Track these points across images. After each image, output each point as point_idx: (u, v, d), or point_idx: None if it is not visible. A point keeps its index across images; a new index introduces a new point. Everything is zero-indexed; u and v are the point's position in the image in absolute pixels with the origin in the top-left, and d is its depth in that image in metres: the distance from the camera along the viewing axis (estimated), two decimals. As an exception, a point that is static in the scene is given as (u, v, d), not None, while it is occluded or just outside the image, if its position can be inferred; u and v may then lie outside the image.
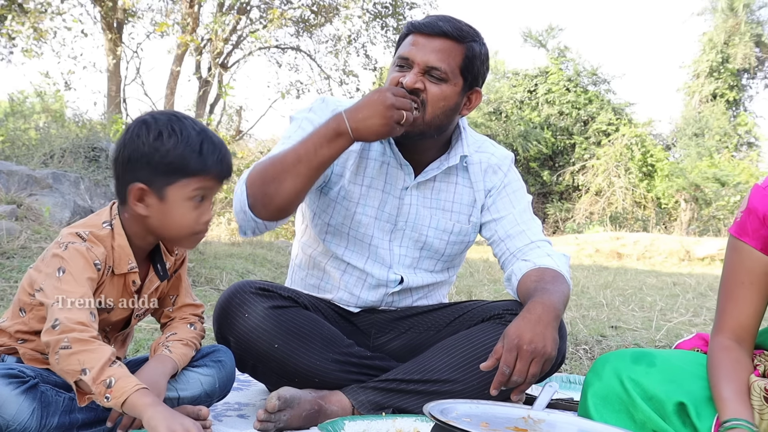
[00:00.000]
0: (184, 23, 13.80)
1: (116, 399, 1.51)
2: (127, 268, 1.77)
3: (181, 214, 1.73)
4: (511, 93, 21.05)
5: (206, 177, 1.72)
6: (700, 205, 17.45)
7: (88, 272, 1.66)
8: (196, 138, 1.71)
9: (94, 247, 1.70)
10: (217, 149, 1.74)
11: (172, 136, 1.70)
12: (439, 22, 1.99)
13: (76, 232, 1.71)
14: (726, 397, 1.49)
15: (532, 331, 1.72)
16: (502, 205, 2.18)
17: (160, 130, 1.70)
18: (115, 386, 1.52)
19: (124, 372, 1.55)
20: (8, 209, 5.29)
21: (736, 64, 21.28)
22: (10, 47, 13.28)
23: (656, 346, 3.64)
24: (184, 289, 1.97)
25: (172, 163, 1.69)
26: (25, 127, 9.48)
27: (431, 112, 1.99)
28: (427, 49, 1.97)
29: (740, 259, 1.62)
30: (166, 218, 1.74)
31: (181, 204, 1.73)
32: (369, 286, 2.18)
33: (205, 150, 1.71)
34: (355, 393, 1.98)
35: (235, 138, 14.74)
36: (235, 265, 6.01)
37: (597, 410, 1.63)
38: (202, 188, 1.73)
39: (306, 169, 1.87)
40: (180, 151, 1.69)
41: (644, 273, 8.88)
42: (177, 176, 1.71)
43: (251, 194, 1.92)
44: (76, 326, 1.56)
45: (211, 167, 1.72)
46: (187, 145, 1.70)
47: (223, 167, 1.76)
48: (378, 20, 15.48)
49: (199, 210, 1.75)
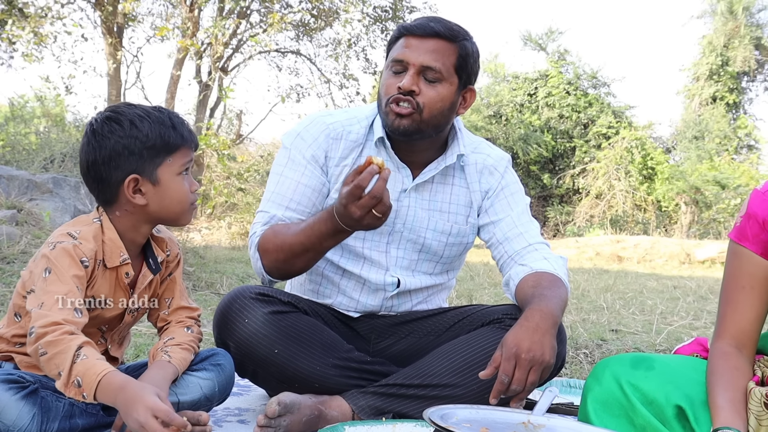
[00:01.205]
0: (184, 27, 13.80)
1: (89, 397, 1.54)
2: (119, 260, 1.78)
3: (176, 190, 1.79)
4: (511, 96, 21.04)
5: (186, 148, 1.79)
6: (701, 208, 17.44)
7: (74, 270, 1.67)
8: (163, 116, 1.77)
9: (82, 244, 1.71)
10: (183, 121, 1.81)
11: (144, 120, 1.74)
12: (430, 23, 2.01)
13: (67, 232, 1.73)
14: (720, 405, 1.49)
15: (530, 340, 1.72)
16: (500, 208, 2.19)
17: (129, 119, 1.74)
18: (83, 384, 1.53)
19: (87, 364, 1.54)
20: (8, 214, 5.29)
21: (736, 67, 21.28)
22: (11, 52, 13.27)
23: (657, 350, 3.64)
24: (179, 292, 1.97)
25: (154, 145, 1.74)
26: (25, 132, 9.49)
27: (428, 113, 2.01)
28: (421, 50, 1.99)
29: (740, 263, 1.63)
30: (164, 200, 1.78)
31: (173, 181, 1.78)
32: (368, 290, 2.18)
33: (177, 123, 1.78)
34: (355, 398, 1.98)
35: (235, 142, 14.75)
36: (235, 270, 6.01)
37: (597, 415, 1.63)
38: (185, 160, 1.80)
39: (314, 254, 1.95)
40: (157, 132, 1.74)
41: (645, 276, 8.87)
42: (162, 156, 1.76)
43: (266, 265, 2.02)
44: (49, 328, 1.56)
45: (187, 138, 1.79)
46: (161, 124, 1.75)
47: (194, 136, 1.84)
48: (378, 24, 15.48)
49: (187, 182, 1.81)
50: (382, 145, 2.14)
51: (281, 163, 2.15)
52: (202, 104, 15.26)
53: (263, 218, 2.07)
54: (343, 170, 2.13)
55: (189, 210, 1.83)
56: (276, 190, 2.11)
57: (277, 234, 1.99)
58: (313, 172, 2.11)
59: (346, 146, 2.14)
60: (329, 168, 2.14)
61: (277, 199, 2.10)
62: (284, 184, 2.11)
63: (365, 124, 2.17)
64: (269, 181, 2.15)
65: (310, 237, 1.89)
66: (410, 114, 2.00)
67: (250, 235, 2.07)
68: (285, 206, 2.08)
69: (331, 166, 2.14)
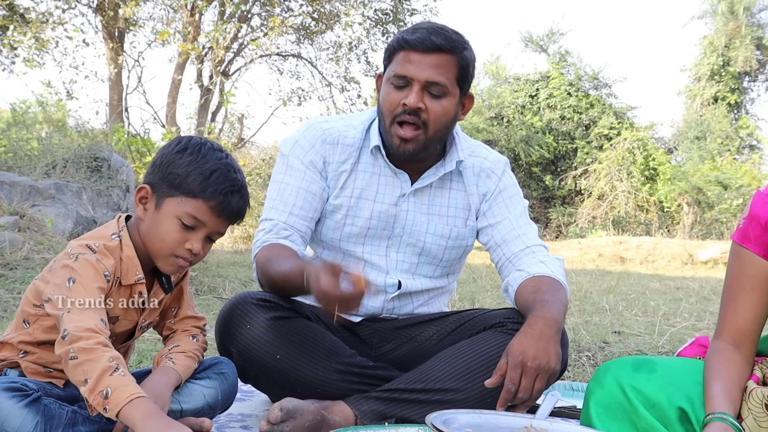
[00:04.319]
0: (185, 32, 13.84)
1: (113, 410, 1.50)
2: (135, 279, 1.78)
3: (167, 230, 1.74)
4: (512, 98, 21.04)
5: (203, 203, 1.73)
6: (703, 209, 17.42)
7: (99, 282, 1.67)
8: (212, 165, 1.73)
9: (104, 258, 1.71)
10: (228, 184, 1.74)
11: (193, 154, 1.74)
12: (431, 37, 1.98)
13: (86, 244, 1.72)
14: (712, 394, 1.50)
15: (535, 348, 1.73)
16: (498, 211, 2.19)
17: (186, 146, 1.75)
18: (111, 397, 1.50)
19: (123, 381, 1.52)
20: (11, 220, 5.30)
21: (738, 67, 21.25)
22: (12, 57, 13.33)
23: (659, 351, 3.64)
24: (186, 302, 1.97)
25: (178, 176, 1.73)
26: (27, 137, 9.48)
27: (434, 128, 2.03)
28: (424, 65, 1.98)
29: (742, 265, 1.63)
30: (153, 228, 1.76)
31: (170, 219, 1.74)
32: (369, 293, 2.18)
33: (214, 178, 1.73)
34: (357, 403, 1.98)
35: (237, 146, 14.77)
36: (237, 274, 6.02)
37: (599, 419, 1.63)
38: (196, 214, 1.73)
39: (298, 293, 1.97)
40: (190, 169, 1.72)
41: (647, 277, 8.87)
42: (178, 191, 1.73)
43: (262, 282, 2.05)
44: (83, 334, 1.55)
45: (210, 195, 1.73)
46: (200, 166, 1.73)
47: (226, 203, 1.75)
48: (379, 27, 15.51)
49: (185, 235, 1.75)
50: (378, 152, 2.15)
51: (281, 170, 2.16)
52: (204, 108, 15.30)
53: (267, 226, 2.08)
54: (341, 175, 2.15)
55: (168, 258, 1.77)
56: (277, 198, 2.12)
57: (269, 260, 1.98)
58: (312, 177, 2.12)
59: (342, 151, 2.15)
60: (328, 173, 2.15)
61: (279, 206, 2.10)
62: (285, 191, 2.12)
63: (361, 129, 2.18)
64: (270, 190, 2.16)
65: (290, 285, 1.88)
66: (415, 137, 2.01)
67: (254, 242, 2.08)
68: (288, 212, 2.09)
69: (330, 170, 2.15)
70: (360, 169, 2.16)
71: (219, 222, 1.77)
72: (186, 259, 1.77)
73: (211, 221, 1.76)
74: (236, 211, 1.79)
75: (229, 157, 1.80)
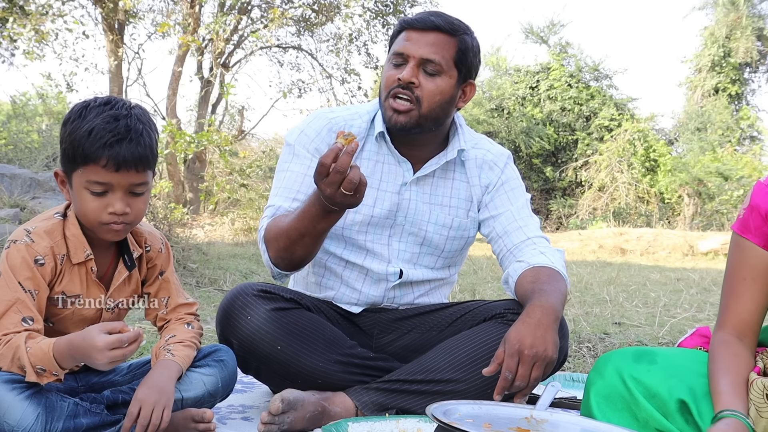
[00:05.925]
0: (185, 24, 13.80)
1: (60, 372, 1.59)
2: (84, 256, 1.74)
3: (84, 203, 1.68)
4: (513, 89, 20.99)
5: (95, 165, 1.63)
6: (704, 200, 17.40)
7: (24, 272, 1.66)
8: (90, 124, 1.62)
9: (35, 242, 1.68)
10: (109, 136, 1.61)
11: (74, 121, 1.65)
12: (431, 17, 2.04)
13: (24, 228, 1.71)
14: (721, 390, 1.50)
15: (532, 336, 1.73)
16: (500, 202, 2.20)
17: (69, 116, 1.67)
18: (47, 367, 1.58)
19: (36, 350, 1.58)
20: (11, 212, 5.30)
21: (738, 58, 21.18)
22: (12, 49, 13.29)
23: (660, 342, 3.64)
24: (175, 290, 1.94)
25: (66, 150, 1.67)
26: (27, 130, 9.48)
27: (427, 106, 2.03)
28: (421, 43, 2.02)
29: (743, 255, 1.63)
30: (77, 206, 1.71)
31: (82, 192, 1.68)
32: (370, 281, 2.19)
33: (93, 136, 1.61)
34: (358, 394, 1.98)
35: (237, 138, 14.75)
36: (238, 266, 6.02)
37: (600, 409, 1.63)
38: (96, 178, 1.64)
39: (311, 239, 1.92)
40: (72, 137, 1.64)
41: (648, 268, 8.87)
42: (75, 164, 1.66)
43: (272, 256, 2.01)
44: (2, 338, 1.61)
45: (96, 154, 1.61)
46: (79, 130, 1.63)
47: (115, 155, 1.61)
48: (379, 18, 15.46)
49: (102, 201, 1.67)
50: (383, 139, 2.15)
51: (286, 159, 2.17)
52: (204, 100, 15.27)
53: (270, 212, 2.08)
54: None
55: (100, 227, 1.70)
56: (282, 185, 2.12)
57: (277, 223, 2.00)
58: None
59: None
60: None
61: (283, 193, 2.10)
62: (290, 178, 2.12)
63: (367, 119, 2.19)
64: (275, 178, 2.16)
65: (302, 220, 1.88)
66: (408, 110, 2.02)
67: (259, 230, 2.08)
68: (292, 198, 2.08)
69: None
70: (364, 157, 2.16)
71: (122, 176, 1.64)
72: (117, 223, 1.69)
73: (113, 179, 1.64)
74: (130, 158, 1.63)
75: (116, 106, 1.66)
